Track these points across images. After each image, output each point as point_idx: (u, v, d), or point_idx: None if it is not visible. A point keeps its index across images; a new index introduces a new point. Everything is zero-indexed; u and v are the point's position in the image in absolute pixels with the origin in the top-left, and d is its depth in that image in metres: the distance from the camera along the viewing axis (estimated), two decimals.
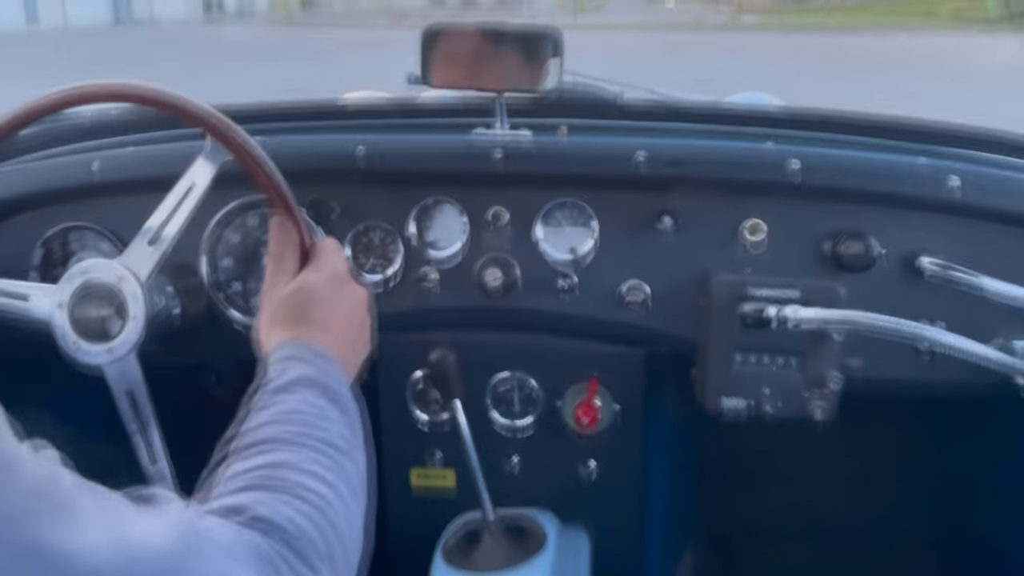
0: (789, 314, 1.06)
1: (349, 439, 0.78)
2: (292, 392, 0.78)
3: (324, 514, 0.66)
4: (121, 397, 1.02)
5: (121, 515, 0.50)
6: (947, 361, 1.12)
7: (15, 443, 0.46)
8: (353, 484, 0.73)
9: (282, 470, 0.68)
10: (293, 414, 0.75)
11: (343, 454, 0.74)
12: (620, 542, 1.36)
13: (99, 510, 0.48)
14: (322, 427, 0.75)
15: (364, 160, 1.18)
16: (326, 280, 0.93)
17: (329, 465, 0.71)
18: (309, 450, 0.71)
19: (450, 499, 1.32)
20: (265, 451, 0.70)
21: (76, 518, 0.45)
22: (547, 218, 1.21)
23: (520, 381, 1.28)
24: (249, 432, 0.73)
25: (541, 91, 1.18)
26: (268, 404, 0.76)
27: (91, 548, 0.44)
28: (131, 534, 0.48)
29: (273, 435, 0.72)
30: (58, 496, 0.45)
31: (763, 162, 1.15)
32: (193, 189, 1.02)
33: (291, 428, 0.73)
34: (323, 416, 0.77)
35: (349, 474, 0.73)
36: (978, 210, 1.11)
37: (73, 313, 1.01)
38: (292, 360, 0.82)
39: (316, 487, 0.67)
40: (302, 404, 0.76)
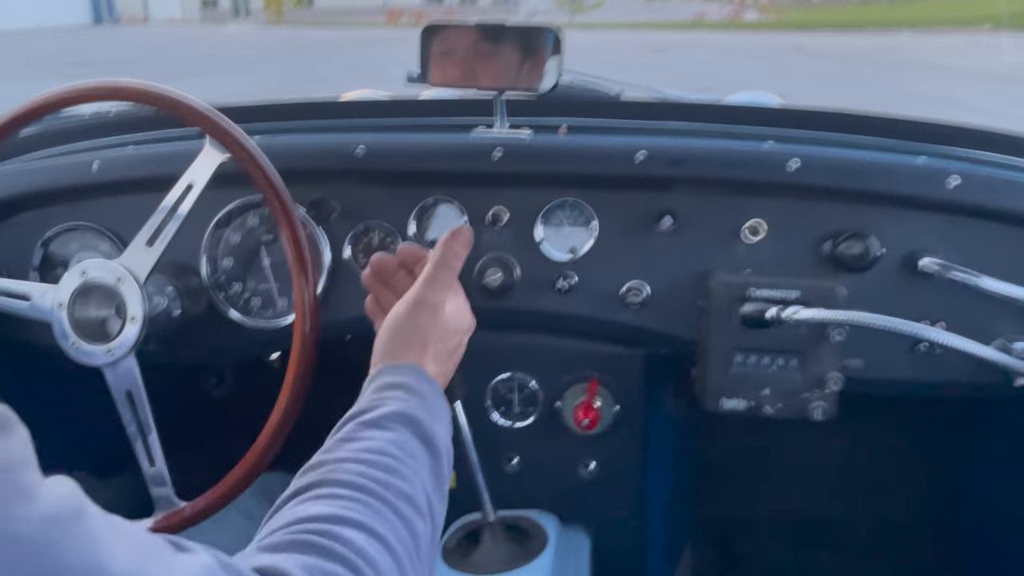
0: (789, 314, 1.06)
1: (432, 494, 0.73)
2: (386, 429, 0.73)
3: None
4: (120, 398, 1.02)
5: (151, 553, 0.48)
6: (947, 361, 1.12)
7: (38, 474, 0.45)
8: (421, 547, 0.68)
9: (346, 529, 0.63)
10: (379, 455, 0.70)
11: (421, 512, 0.69)
12: (620, 542, 1.36)
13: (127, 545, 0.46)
14: (406, 477, 0.70)
15: (364, 159, 1.18)
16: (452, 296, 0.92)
17: (399, 528, 0.66)
18: (384, 504, 0.67)
19: (450, 499, 1.31)
20: (336, 496, 0.66)
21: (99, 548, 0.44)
22: (547, 217, 1.21)
23: (520, 381, 1.28)
24: (327, 467, 0.69)
25: (539, 90, 1.18)
26: (355, 437, 0.72)
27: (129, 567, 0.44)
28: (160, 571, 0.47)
29: (349, 478, 0.67)
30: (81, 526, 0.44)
31: (763, 161, 1.15)
32: (192, 189, 1.02)
33: (373, 473, 0.68)
34: (411, 464, 0.72)
35: (420, 536, 0.68)
36: (979, 209, 1.11)
37: (73, 313, 1.01)
38: (395, 389, 0.78)
39: (377, 557, 0.62)
40: (392, 446, 0.72)
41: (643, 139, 1.18)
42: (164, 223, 1.01)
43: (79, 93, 1.00)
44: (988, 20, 20.37)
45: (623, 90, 1.58)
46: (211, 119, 0.99)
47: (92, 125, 1.44)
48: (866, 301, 1.08)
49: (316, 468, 0.69)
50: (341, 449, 0.71)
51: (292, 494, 0.68)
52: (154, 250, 1.01)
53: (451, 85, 1.23)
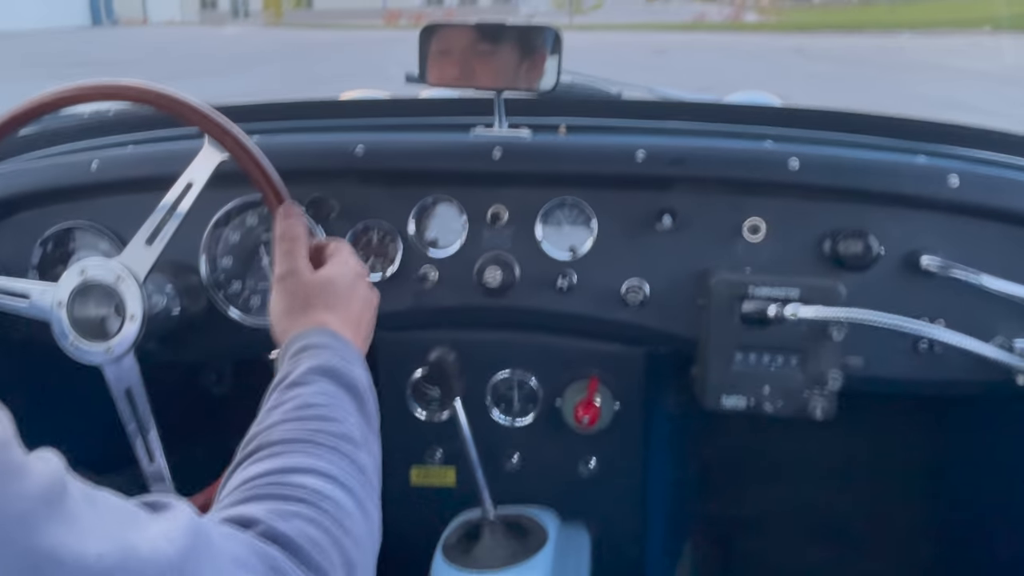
0: (789, 312, 1.06)
1: (364, 429, 0.77)
2: (306, 384, 0.77)
3: (339, 523, 0.64)
4: (120, 396, 1.02)
5: (128, 522, 0.49)
6: (947, 359, 1.12)
7: (23, 452, 0.45)
8: (368, 479, 0.72)
9: (295, 475, 0.66)
10: (306, 409, 0.74)
11: (358, 447, 0.73)
12: (620, 539, 1.36)
13: (106, 517, 0.47)
14: (337, 419, 0.74)
15: (363, 159, 1.18)
16: (350, 274, 0.94)
17: (343, 465, 0.70)
18: (322, 448, 0.70)
19: (450, 497, 1.32)
20: (277, 454, 0.69)
21: (84, 525, 0.45)
22: (547, 217, 1.21)
23: (520, 379, 1.28)
24: (262, 433, 0.72)
25: (539, 89, 1.18)
26: (282, 401, 0.75)
27: (98, 555, 0.44)
28: (137, 541, 0.47)
29: (286, 435, 0.71)
30: (67, 503, 0.45)
31: (763, 161, 1.15)
32: (191, 188, 1.02)
33: (304, 425, 0.72)
34: (338, 407, 0.75)
35: (364, 468, 0.72)
36: (978, 208, 1.11)
37: (72, 312, 1.01)
38: (306, 350, 0.81)
39: (330, 491, 0.66)
40: (316, 396, 0.75)
41: (643, 138, 1.18)
42: (163, 222, 1.01)
43: (79, 92, 1.00)
44: (988, 22, 20.40)
45: (623, 90, 1.58)
46: (210, 118, 0.99)
47: (91, 124, 1.44)
48: (866, 300, 1.08)
49: (253, 439, 0.72)
50: (270, 416, 0.74)
51: (235, 465, 0.70)
52: (153, 249, 1.01)
53: (450, 85, 1.24)
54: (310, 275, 0.92)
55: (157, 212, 1.01)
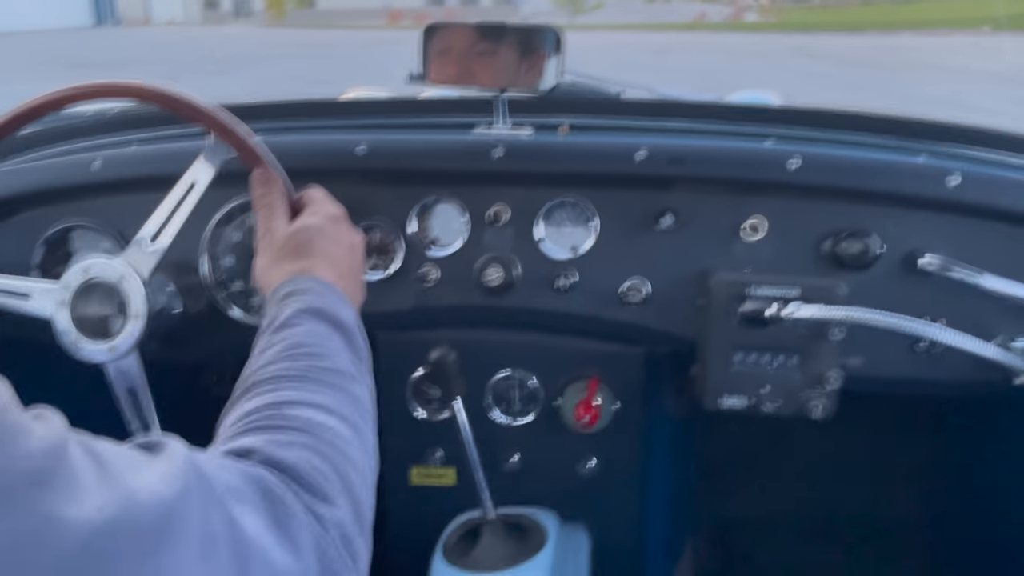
0: (789, 312, 1.06)
1: (356, 363, 0.77)
2: (294, 326, 0.77)
3: (337, 448, 0.65)
4: (123, 395, 1.02)
5: (127, 468, 0.50)
6: (947, 359, 1.12)
7: (23, 413, 0.47)
8: (364, 408, 0.73)
9: (290, 408, 0.67)
10: (296, 348, 0.74)
11: (351, 380, 0.74)
12: (620, 540, 1.36)
13: (106, 468, 0.48)
14: (327, 355, 0.74)
15: (365, 158, 1.19)
16: (326, 219, 0.95)
17: (338, 396, 0.70)
18: (315, 383, 0.71)
19: (450, 497, 1.32)
20: (270, 390, 0.69)
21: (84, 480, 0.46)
22: (548, 216, 1.21)
23: (520, 379, 1.28)
24: (254, 374, 0.72)
25: (539, 89, 1.18)
26: (270, 344, 0.76)
27: (97, 508, 0.45)
28: (136, 487, 0.48)
29: (277, 373, 0.71)
30: (68, 459, 0.46)
31: (763, 160, 1.15)
32: (194, 188, 1.02)
33: (295, 363, 0.72)
34: (327, 344, 0.76)
35: (359, 399, 0.73)
36: (978, 208, 1.11)
37: (75, 311, 1.01)
38: (291, 296, 0.82)
39: (326, 421, 0.66)
40: (305, 335, 0.76)
41: (643, 138, 1.18)
42: (167, 221, 1.01)
43: (81, 92, 1.00)
44: (988, 21, 20.39)
45: (623, 91, 1.59)
46: (214, 117, 0.99)
47: (94, 123, 1.44)
48: (866, 299, 1.08)
49: (244, 382, 0.72)
50: (261, 358, 0.74)
51: (229, 404, 0.71)
52: (157, 248, 1.01)
53: (450, 83, 1.24)
54: (286, 228, 0.94)
55: (161, 211, 1.01)
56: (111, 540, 0.45)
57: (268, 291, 0.88)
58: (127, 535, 0.46)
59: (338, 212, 0.99)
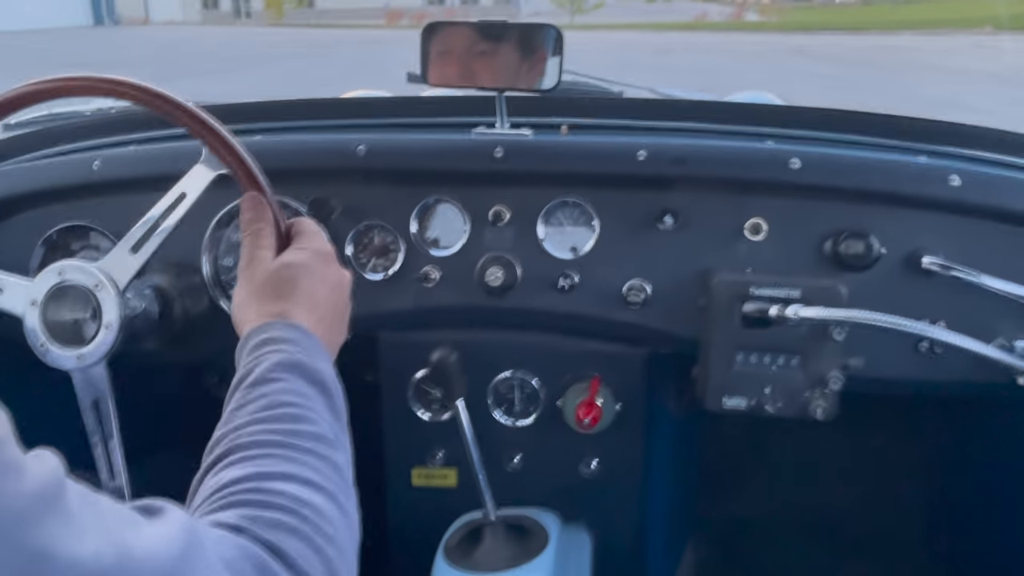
0: (790, 313, 1.06)
1: (336, 427, 0.75)
2: (273, 382, 0.74)
3: (321, 530, 0.64)
4: (86, 405, 0.98)
5: (124, 523, 0.49)
6: (948, 360, 1.12)
7: (19, 450, 0.46)
8: (345, 478, 0.71)
9: (274, 482, 0.64)
10: (277, 408, 0.71)
11: (332, 447, 0.72)
12: (622, 541, 1.36)
13: (103, 518, 0.48)
14: (309, 419, 0.72)
15: (365, 159, 1.18)
16: (312, 256, 0.90)
17: (321, 467, 0.68)
18: (299, 452, 0.68)
19: (452, 498, 1.32)
20: (252, 458, 0.67)
21: (81, 524, 0.45)
22: (548, 217, 1.21)
23: (522, 380, 1.28)
24: (230, 436, 0.69)
25: (540, 89, 1.18)
26: (248, 400, 0.73)
27: (94, 554, 0.44)
28: (133, 542, 0.47)
29: (258, 438, 0.68)
30: (64, 502, 0.45)
31: (764, 161, 1.15)
32: (184, 198, 0.98)
33: (276, 426, 0.70)
34: (308, 406, 0.73)
35: (340, 468, 0.71)
36: (979, 209, 1.11)
37: (45, 313, 0.96)
38: (269, 344, 0.78)
39: (312, 499, 0.65)
40: (285, 394, 0.73)
41: (644, 138, 1.18)
42: (151, 231, 0.96)
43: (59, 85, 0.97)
44: (989, 22, 20.39)
45: (624, 90, 1.58)
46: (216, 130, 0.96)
47: (93, 124, 1.43)
48: (867, 300, 1.08)
49: (220, 442, 0.69)
50: (237, 417, 0.71)
51: (204, 471, 0.68)
52: (138, 257, 0.97)
53: (450, 84, 1.23)
54: (270, 262, 0.89)
55: (146, 220, 0.97)
56: None
57: (243, 329, 0.84)
58: None
59: (327, 248, 0.94)
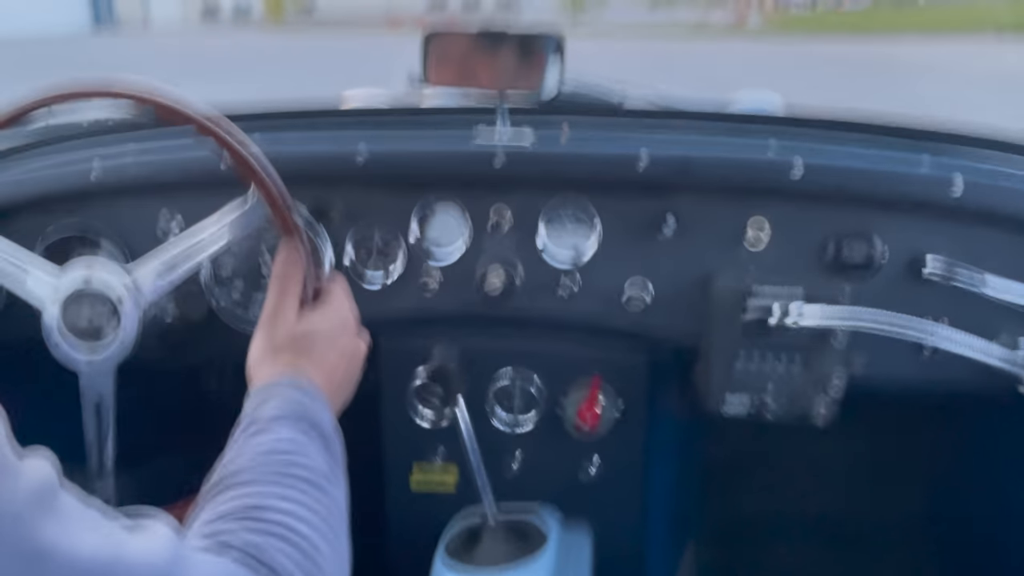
0: (792, 318, 1.06)
1: (329, 474, 0.76)
2: (270, 432, 0.75)
3: (311, 559, 0.64)
4: (89, 405, 0.99)
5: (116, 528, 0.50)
6: (950, 362, 1.12)
7: (15, 452, 0.46)
8: (337, 519, 0.72)
9: (268, 512, 0.66)
10: (272, 454, 0.73)
11: (324, 491, 0.72)
12: (622, 541, 1.36)
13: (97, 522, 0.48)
14: (302, 463, 0.73)
15: (365, 161, 1.18)
16: (335, 326, 0.92)
17: (311, 504, 0.69)
18: (293, 480, 0.70)
19: (452, 498, 1.32)
20: (245, 493, 0.68)
21: (77, 525, 0.46)
22: (549, 220, 1.20)
23: (522, 381, 1.27)
24: (229, 476, 0.71)
25: (541, 95, 1.18)
26: (247, 447, 0.74)
27: (90, 553, 0.45)
28: (127, 545, 0.48)
29: (252, 476, 0.70)
30: (59, 504, 0.45)
31: (766, 164, 1.15)
32: (220, 239, 0.99)
33: (270, 468, 0.71)
34: (303, 452, 0.75)
35: (331, 510, 0.72)
36: (982, 212, 1.11)
37: (67, 306, 0.97)
38: (272, 397, 0.80)
39: (301, 529, 0.66)
40: (281, 442, 0.74)
41: (645, 144, 1.17)
42: (186, 258, 0.98)
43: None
44: (991, 26, 20.41)
45: (625, 96, 1.58)
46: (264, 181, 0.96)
47: (92, 129, 1.43)
48: (869, 305, 1.07)
49: (216, 484, 0.71)
50: (236, 461, 0.73)
51: (203, 503, 0.69)
52: (167, 279, 0.98)
53: (449, 84, 1.24)
54: (292, 322, 0.90)
55: (181, 245, 0.98)
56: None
57: (255, 382, 0.85)
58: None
59: (351, 317, 0.96)
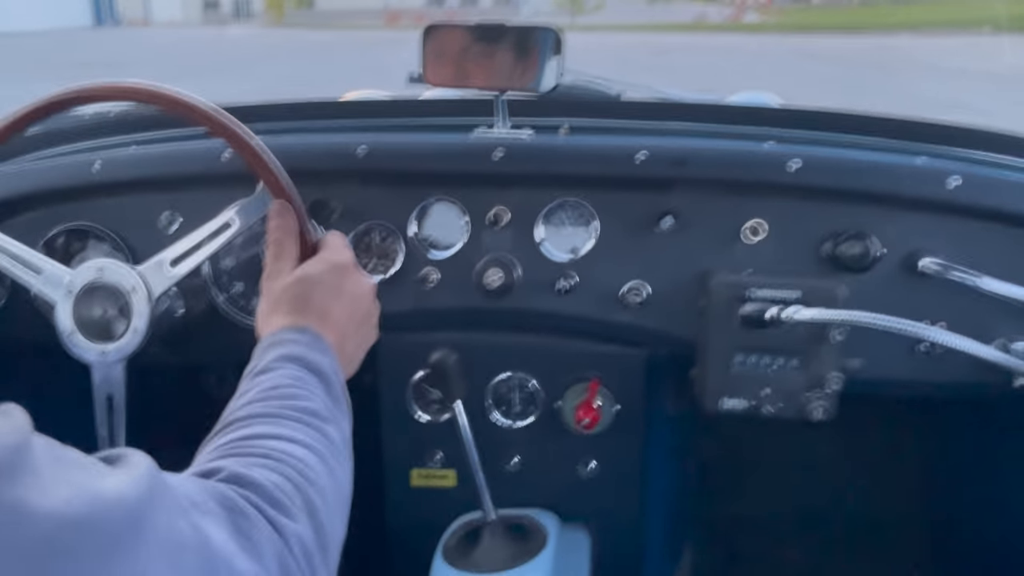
0: (789, 314, 1.06)
1: (331, 407, 0.78)
2: (271, 371, 0.78)
3: (301, 473, 0.67)
4: (100, 400, 1.01)
5: (92, 471, 0.50)
6: (947, 361, 1.12)
7: None
8: (336, 447, 0.74)
9: (259, 440, 0.69)
10: (272, 390, 0.76)
11: (325, 421, 0.75)
12: (620, 542, 1.36)
13: (71, 468, 0.48)
14: (302, 396, 0.76)
15: (365, 160, 1.18)
16: (330, 270, 0.93)
17: (309, 432, 0.72)
18: (288, 420, 0.72)
19: (451, 499, 1.32)
20: (242, 426, 0.71)
21: (50, 475, 0.45)
22: (548, 218, 1.21)
23: (521, 381, 1.28)
24: (229, 415, 0.74)
25: (539, 90, 1.18)
26: (249, 388, 0.77)
27: (65, 501, 0.45)
28: (101, 489, 0.48)
29: (251, 412, 0.73)
30: (32, 456, 0.45)
31: (764, 162, 1.15)
32: (228, 228, 1.01)
33: (269, 403, 0.74)
34: (303, 387, 0.77)
35: (331, 438, 0.74)
36: (979, 210, 1.11)
37: (78, 304, 0.99)
38: (275, 345, 0.83)
39: (293, 450, 0.68)
40: (281, 379, 0.77)
41: (644, 139, 1.18)
42: (193, 250, 1.00)
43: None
44: (988, 22, 20.39)
45: (624, 91, 1.58)
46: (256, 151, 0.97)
47: (93, 125, 1.43)
48: (866, 302, 1.08)
49: (219, 424, 0.74)
50: (237, 402, 0.76)
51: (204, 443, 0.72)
52: (175, 273, 1.00)
53: (447, 83, 1.24)
54: (288, 275, 0.92)
55: (190, 239, 1.00)
56: (78, 535, 0.45)
57: (261, 338, 0.87)
58: (95, 532, 0.46)
59: (345, 260, 0.96)
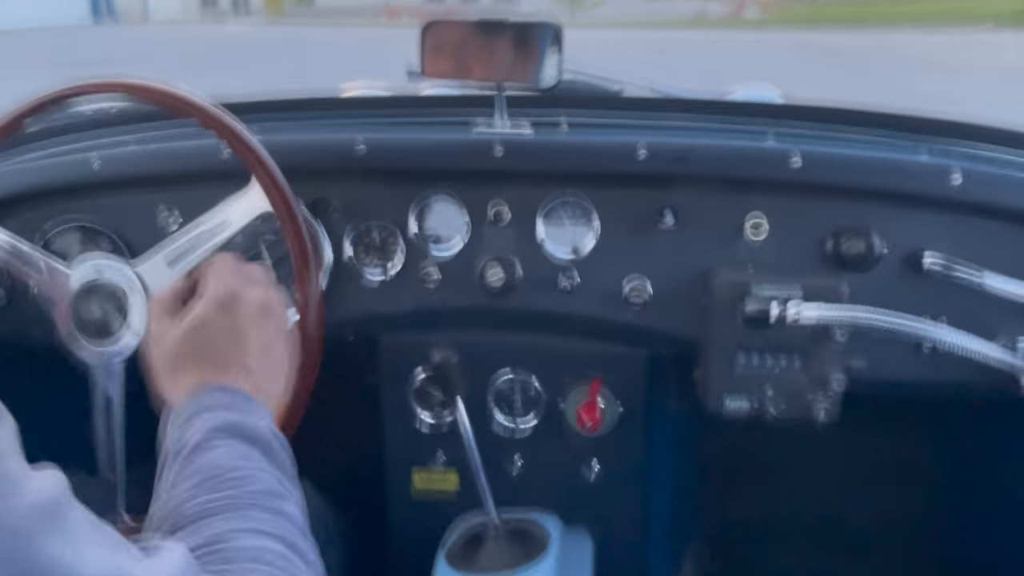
0: (791, 313, 1.05)
1: (281, 479, 0.72)
2: (208, 450, 0.70)
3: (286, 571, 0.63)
4: (99, 400, 1.01)
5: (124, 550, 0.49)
6: (950, 361, 1.11)
7: (23, 464, 0.45)
8: (300, 527, 0.69)
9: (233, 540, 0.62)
10: (216, 476, 0.68)
11: (283, 499, 0.69)
12: (623, 543, 1.35)
13: (103, 541, 0.47)
14: (252, 477, 0.69)
15: (365, 156, 1.18)
16: (213, 306, 0.83)
17: (276, 521, 0.66)
18: (247, 508, 0.66)
19: (453, 501, 1.31)
20: (203, 527, 0.63)
21: (81, 543, 0.45)
22: (548, 215, 1.20)
23: (522, 381, 1.27)
24: (175, 512, 0.65)
25: (539, 86, 1.17)
26: (184, 474, 0.68)
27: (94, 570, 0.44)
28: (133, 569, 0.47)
29: (202, 507, 0.65)
30: (66, 520, 0.45)
31: (765, 158, 1.14)
32: (226, 225, 1.00)
33: (220, 494, 0.66)
34: (249, 465, 0.70)
35: (293, 517, 0.69)
36: (981, 206, 1.10)
37: (77, 303, 0.99)
38: (201, 412, 0.74)
39: (274, 547, 0.63)
40: (223, 458, 0.69)
41: (644, 136, 1.17)
42: (190, 249, 0.99)
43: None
44: (989, 18, 20.37)
45: (624, 87, 1.58)
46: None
47: (92, 121, 1.43)
48: (869, 300, 1.07)
49: (164, 521, 0.66)
50: (175, 493, 0.67)
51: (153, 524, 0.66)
52: (172, 271, 0.99)
53: (445, 76, 1.23)
54: (177, 327, 0.83)
55: (187, 237, 0.99)
56: None
57: (169, 404, 0.79)
58: None
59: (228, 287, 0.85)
